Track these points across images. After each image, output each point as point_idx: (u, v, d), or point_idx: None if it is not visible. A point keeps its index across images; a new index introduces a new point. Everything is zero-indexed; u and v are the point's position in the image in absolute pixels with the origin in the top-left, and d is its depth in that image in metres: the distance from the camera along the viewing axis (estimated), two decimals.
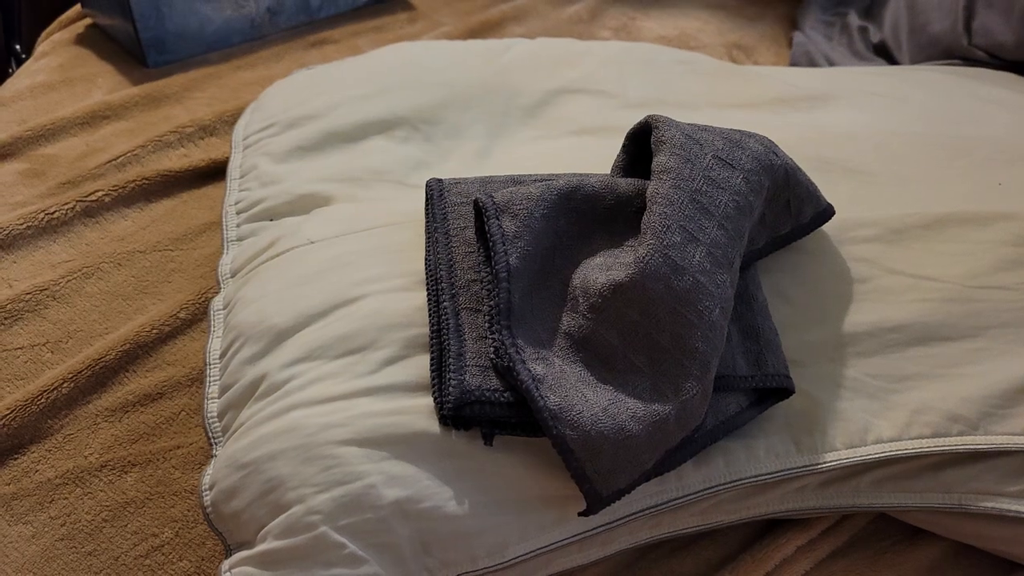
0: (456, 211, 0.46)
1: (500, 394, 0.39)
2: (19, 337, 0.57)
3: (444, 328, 0.42)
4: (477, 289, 0.43)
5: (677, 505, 0.43)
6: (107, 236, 0.64)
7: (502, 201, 0.44)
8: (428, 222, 0.47)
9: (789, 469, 0.44)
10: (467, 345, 0.41)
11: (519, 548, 0.41)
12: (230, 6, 0.84)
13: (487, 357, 0.40)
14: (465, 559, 0.40)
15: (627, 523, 0.43)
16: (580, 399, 0.39)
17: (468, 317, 0.42)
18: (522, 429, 0.40)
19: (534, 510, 0.41)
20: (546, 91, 0.65)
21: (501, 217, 0.43)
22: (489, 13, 0.93)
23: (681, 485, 0.43)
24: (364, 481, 0.39)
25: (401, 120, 0.62)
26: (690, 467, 0.43)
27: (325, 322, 0.45)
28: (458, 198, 0.47)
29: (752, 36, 0.92)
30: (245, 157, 0.62)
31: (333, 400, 0.41)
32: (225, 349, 0.47)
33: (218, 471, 0.42)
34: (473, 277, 0.44)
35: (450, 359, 0.40)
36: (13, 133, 0.72)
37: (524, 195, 0.44)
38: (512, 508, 0.41)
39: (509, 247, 0.42)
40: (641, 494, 0.42)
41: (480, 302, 0.43)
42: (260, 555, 0.39)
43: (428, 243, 0.47)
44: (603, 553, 0.44)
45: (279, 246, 0.51)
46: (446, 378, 0.40)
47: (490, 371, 0.40)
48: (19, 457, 0.50)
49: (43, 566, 0.45)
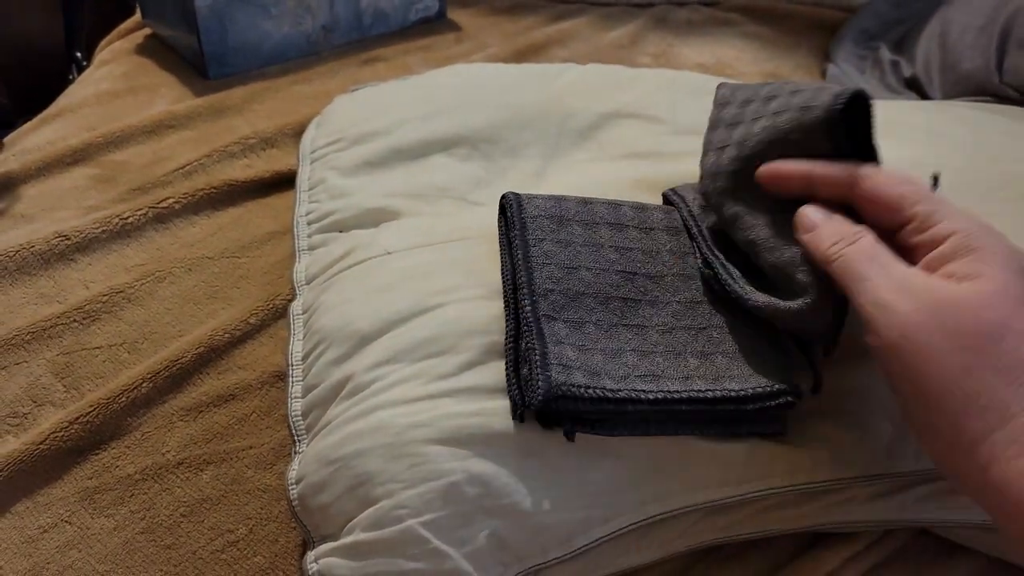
0: (534, 222, 0.49)
1: (584, 389, 0.42)
2: (97, 337, 0.59)
3: (526, 330, 0.44)
4: (555, 298, 0.46)
5: (731, 503, 0.45)
6: (177, 242, 0.67)
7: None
8: (506, 231, 0.50)
9: (839, 479, 0.46)
10: (549, 347, 0.43)
11: (584, 538, 0.43)
12: (289, 22, 0.87)
13: (568, 359, 0.43)
14: (537, 552, 0.43)
15: (680, 517, 0.45)
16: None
17: (547, 323, 0.45)
18: (600, 427, 0.43)
19: (597, 502, 0.43)
20: (599, 114, 0.68)
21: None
22: (534, 36, 0.97)
23: (738, 483, 0.45)
24: (448, 479, 0.41)
25: (462, 139, 0.65)
26: (745, 468, 0.45)
27: (407, 327, 0.47)
28: (535, 210, 0.50)
29: (787, 66, 0.95)
30: (313, 170, 0.65)
31: (417, 400, 0.44)
32: (308, 351, 0.50)
33: (305, 466, 0.45)
34: (551, 287, 0.46)
35: (536, 357, 0.43)
36: (84, 139, 0.74)
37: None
38: (579, 501, 0.43)
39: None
40: (696, 489, 0.44)
41: (557, 310, 0.45)
42: (347, 546, 0.42)
43: (506, 251, 0.49)
44: (660, 554, 0.46)
45: (356, 256, 0.54)
46: (534, 374, 0.42)
47: (572, 370, 0.43)
48: (100, 453, 0.53)
49: (125, 557, 0.47)
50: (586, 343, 0.45)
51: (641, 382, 0.44)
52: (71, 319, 0.60)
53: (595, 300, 0.47)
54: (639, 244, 0.50)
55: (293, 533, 0.49)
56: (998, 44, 0.80)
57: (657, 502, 0.44)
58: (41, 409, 0.55)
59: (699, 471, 0.45)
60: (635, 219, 0.52)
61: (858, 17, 1.00)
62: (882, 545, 0.49)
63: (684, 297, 0.49)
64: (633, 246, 0.50)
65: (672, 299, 0.48)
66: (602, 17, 1.02)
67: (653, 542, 0.45)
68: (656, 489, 0.44)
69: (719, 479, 0.45)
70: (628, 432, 0.44)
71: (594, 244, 0.49)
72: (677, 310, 0.48)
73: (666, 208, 0.54)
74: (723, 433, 0.45)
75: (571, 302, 0.46)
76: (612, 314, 0.47)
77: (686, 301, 0.49)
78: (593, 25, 1.00)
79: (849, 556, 0.48)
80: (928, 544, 0.49)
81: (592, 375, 0.43)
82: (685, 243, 0.52)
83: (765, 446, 0.46)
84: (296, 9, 0.87)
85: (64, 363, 0.57)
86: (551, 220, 0.50)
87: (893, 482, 0.46)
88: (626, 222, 0.51)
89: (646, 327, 0.47)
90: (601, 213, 0.51)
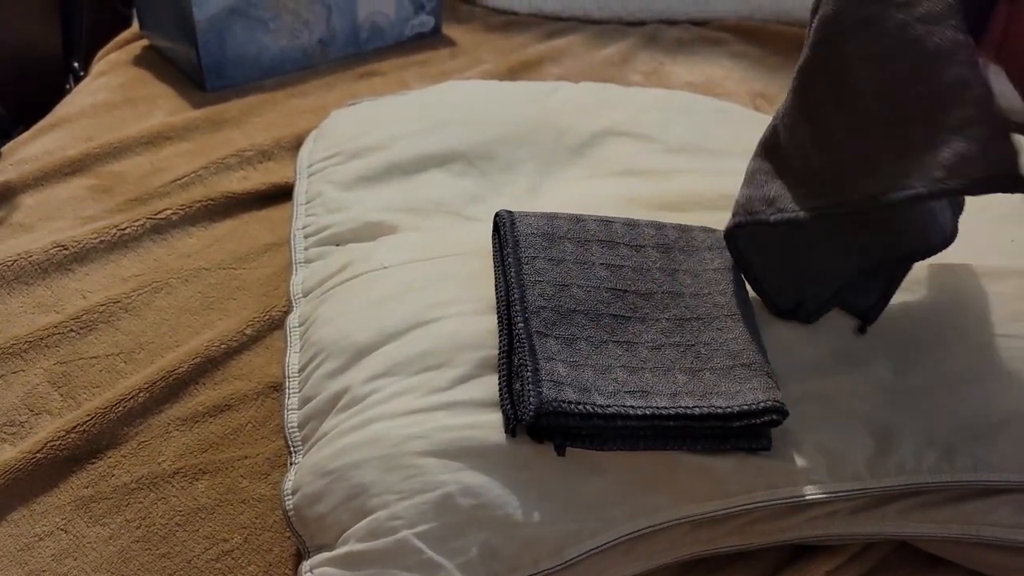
0: (527, 240, 0.50)
1: (574, 405, 0.43)
2: (94, 347, 0.60)
3: (519, 346, 0.45)
4: (547, 315, 0.47)
5: (717, 517, 0.46)
6: (174, 253, 0.68)
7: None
8: (500, 248, 0.51)
9: (822, 494, 0.47)
10: (541, 364, 0.44)
11: (574, 550, 0.44)
12: (286, 36, 0.89)
13: (559, 375, 0.44)
14: (528, 563, 0.43)
15: (668, 530, 0.46)
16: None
17: (539, 340, 0.46)
18: (590, 441, 0.44)
19: (588, 515, 0.45)
20: (592, 132, 0.70)
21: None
22: (527, 53, 0.98)
23: (722, 497, 0.46)
24: (442, 490, 0.42)
25: (457, 155, 0.66)
26: (731, 482, 0.46)
27: (403, 341, 0.48)
28: (528, 228, 0.51)
29: (775, 86, 0.97)
30: (310, 184, 0.66)
31: (413, 413, 0.45)
32: (305, 364, 0.51)
33: (301, 477, 0.46)
34: (543, 304, 0.47)
35: (528, 373, 0.44)
36: (81, 150, 0.75)
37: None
38: (569, 514, 0.44)
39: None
40: (684, 502, 0.45)
41: (549, 327, 0.47)
42: (342, 556, 0.42)
43: (499, 268, 0.50)
44: (647, 565, 0.47)
45: (353, 269, 0.55)
46: (525, 390, 0.43)
47: (563, 386, 0.44)
48: (97, 462, 0.53)
49: (120, 566, 0.48)
50: (577, 359, 0.46)
51: (631, 398, 0.45)
52: (68, 329, 0.60)
53: (586, 317, 0.48)
54: (630, 262, 0.52)
55: (288, 543, 0.49)
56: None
57: (645, 515, 0.45)
58: (38, 418, 0.55)
59: (686, 485, 0.46)
60: (626, 236, 0.53)
61: None
62: (864, 557, 0.50)
63: (673, 314, 0.50)
64: (624, 263, 0.51)
65: (661, 316, 0.50)
66: (594, 35, 1.03)
67: (641, 554, 0.46)
68: (644, 503, 0.46)
69: (705, 493, 0.46)
70: (617, 447, 0.45)
71: (585, 262, 0.51)
72: (666, 327, 0.49)
73: (657, 224, 0.55)
74: (710, 448, 0.46)
75: (562, 319, 0.47)
76: (603, 331, 0.48)
77: (675, 318, 0.50)
78: (585, 43, 1.02)
79: (831, 568, 0.49)
80: (908, 556, 0.50)
81: (582, 391, 0.44)
82: (676, 260, 0.53)
83: (751, 461, 0.47)
84: (293, 23, 0.88)
85: (61, 372, 0.58)
86: (543, 238, 0.51)
87: (874, 496, 0.48)
88: (617, 239, 0.53)
89: (636, 344, 0.48)
90: (593, 230, 0.53)
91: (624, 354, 0.47)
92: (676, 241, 0.54)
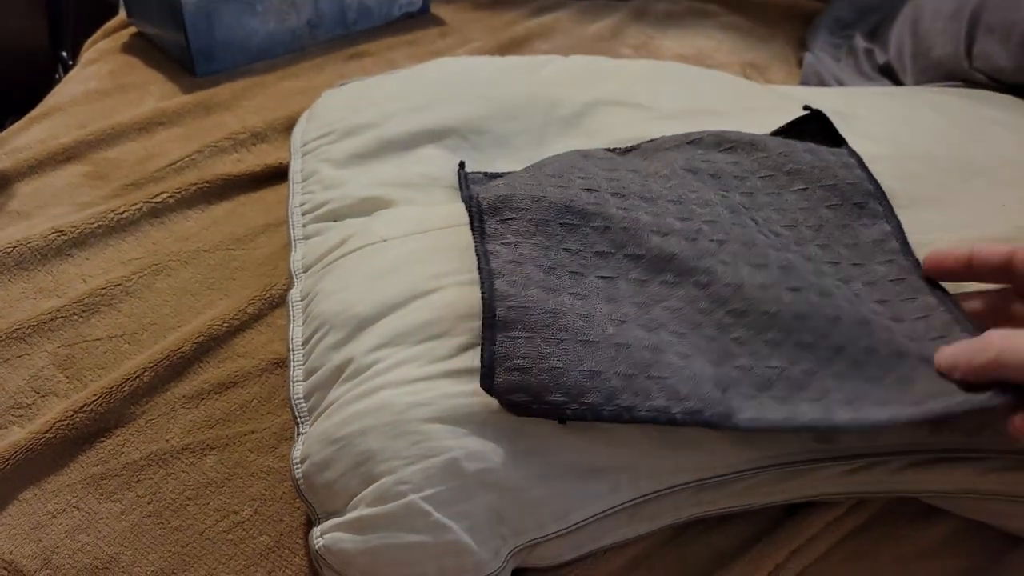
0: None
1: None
2: (97, 329, 0.60)
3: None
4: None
5: (721, 481, 0.47)
6: (172, 236, 0.68)
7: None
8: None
9: (822, 459, 0.48)
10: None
11: (579, 514, 0.45)
12: (274, 19, 0.88)
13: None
14: (533, 527, 0.44)
15: (673, 494, 0.47)
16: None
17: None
18: (591, 413, 0.44)
19: (592, 480, 0.45)
20: (583, 103, 0.70)
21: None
22: (516, 30, 0.98)
23: (727, 463, 0.47)
24: (448, 455, 0.43)
25: (451, 130, 0.66)
26: (733, 447, 0.47)
27: (405, 311, 0.49)
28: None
29: (764, 56, 0.97)
30: (305, 163, 0.66)
31: (417, 381, 0.45)
32: (308, 336, 0.51)
33: (309, 446, 0.46)
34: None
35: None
36: (75, 137, 0.75)
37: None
38: (574, 479, 0.45)
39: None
40: (688, 468, 0.46)
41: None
42: (352, 521, 0.43)
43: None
44: (651, 527, 0.48)
45: (352, 243, 0.55)
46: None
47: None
48: (105, 440, 0.54)
49: (133, 540, 0.49)
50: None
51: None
52: (71, 312, 0.61)
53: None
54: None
55: (297, 512, 0.50)
56: (967, 31, 0.83)
57: (650, 480, 0.46)
58: (45, 400, 0.56)
59: (690, 451, 0.47)
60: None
61: (833, 6, 1.03)
62: (862, 508, 0.51)
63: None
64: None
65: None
66: (583, 10, 1.04)
67: (644, 517, 0.47)
68: (649, 467, 0.46)
69: (709, 458, 0.47)
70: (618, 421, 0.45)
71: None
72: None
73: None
74: None
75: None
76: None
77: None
78: (574, 18, 1.02)
79: (830, 520, 0.50)
80: (905, 509, 0.52)
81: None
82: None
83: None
84: (281, 5, 0.88)
85: (66, 355, 0.59)
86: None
87: (872, 458, 0.49)
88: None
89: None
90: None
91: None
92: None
